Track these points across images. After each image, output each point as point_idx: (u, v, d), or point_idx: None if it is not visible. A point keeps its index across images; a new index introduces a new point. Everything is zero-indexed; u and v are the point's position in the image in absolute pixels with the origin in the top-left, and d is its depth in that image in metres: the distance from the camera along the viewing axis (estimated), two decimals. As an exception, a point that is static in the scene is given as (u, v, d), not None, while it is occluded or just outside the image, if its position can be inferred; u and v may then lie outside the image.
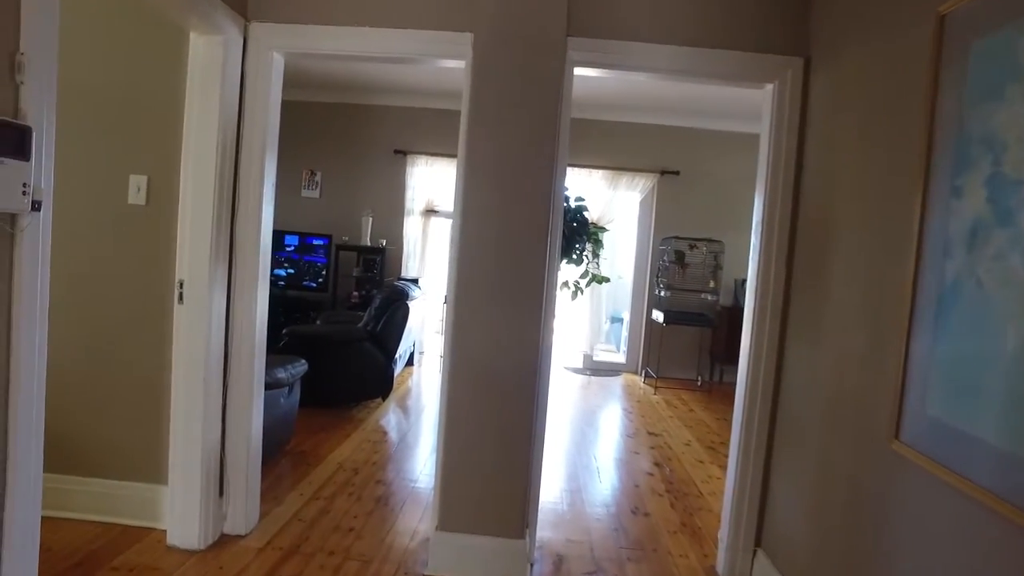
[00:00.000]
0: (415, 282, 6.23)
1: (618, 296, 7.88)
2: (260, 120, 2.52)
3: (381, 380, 4.76)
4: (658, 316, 6.33)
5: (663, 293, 6.38)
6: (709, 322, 6.32)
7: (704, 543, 2.90)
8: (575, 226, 5.87)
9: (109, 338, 2.59)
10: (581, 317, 7.10)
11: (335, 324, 5.18)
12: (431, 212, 6.98)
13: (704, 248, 6.33)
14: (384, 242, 6.70)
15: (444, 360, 2.53)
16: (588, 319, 7.04)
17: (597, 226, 6.61)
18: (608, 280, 6.68)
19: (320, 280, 6.58)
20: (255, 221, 2.54)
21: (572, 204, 5.90)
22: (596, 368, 7.01)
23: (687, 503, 3.40)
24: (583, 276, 6.39)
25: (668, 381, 6.52)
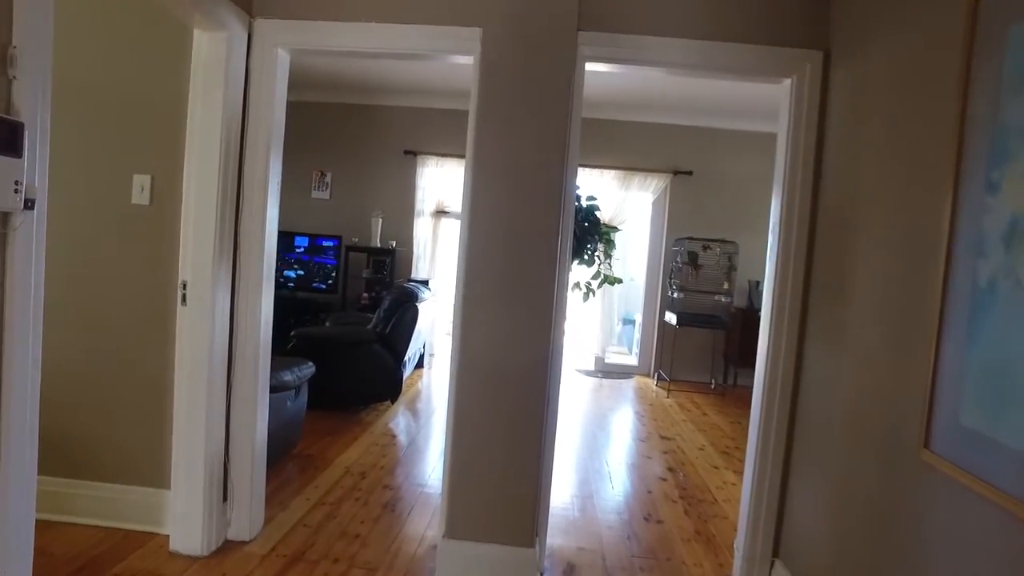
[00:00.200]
0: (425, 283, 6.18)
1: (630, 298, 7.79)
2: (265, 118, 2.47)
3: (390, 383, 4.71)
4: (671, 318, 6.24)
5: (676, 295, 6.29)
6: (723, 324, 6.23)
7: (719, 552, 2.82)
8: (586, 226, 5.78)
9: (112, 339, 2.55)
10: (593, 318, 7.02)
11: (344, 326, 5.14)
12: (441, 213, 6.94)
13: (718, 249, 6.24)
14: (394, 243, 6.66)
15: (452, 362, 2.47)
16: (600, 321, 6.95)
17: (609, 226, 6.53)
18: (620, 281, 6.59)
19: (330, 282, 6.54)
20: (260, 221, 2.49)
21: (583, 203, 5.80)
22: (608, 370, 6.93)
23: (701, 510, 3.32)
24: (595, 277, 6.30)
25: (681, 384, 6.42)
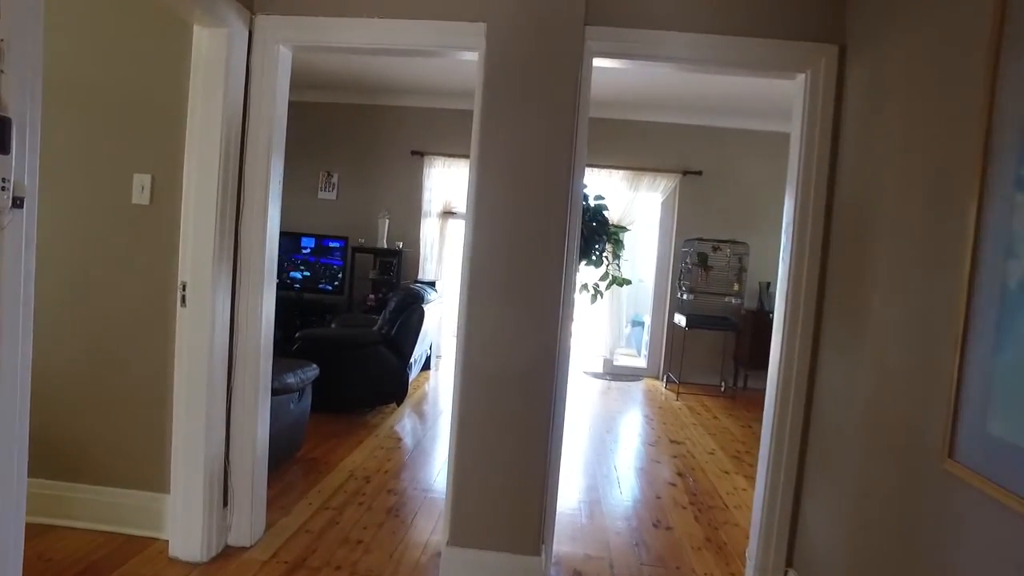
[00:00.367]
0: (432, 285, 6.13)
1: (639, 299, 7.72)
2: (266, 117, 2.43)
3: (396, 385, 4.66)
4: (680, 320, 6.16)
5: (686, 296, 6.22)
6: (733, 326, 6.14)
7: (731, 561, 2.74)
8: (594, 226, 5.70)
9: (111, 340, 2.51)
10: (601, 320, 6.95)
11: (349, 328, 5.09)
12: (449, 214, 6.90)
13: (728, 250, 6.16)
14: (401, 244, 6.61)
15: (456, 365, 2.42)
16: (608, 322, 6.88)
17: (618, 226, 6.45)
18: (629, 282, 6.51)
19: (336, 283, 6.51)
20: (260, 221, 2.44)
21: (591, 203, 5.73)
22: (616, 373, 6.85)
23: (712, 516, 3.24)
24: (603, 278, 6.23)
25: (691, 387, 6.34)
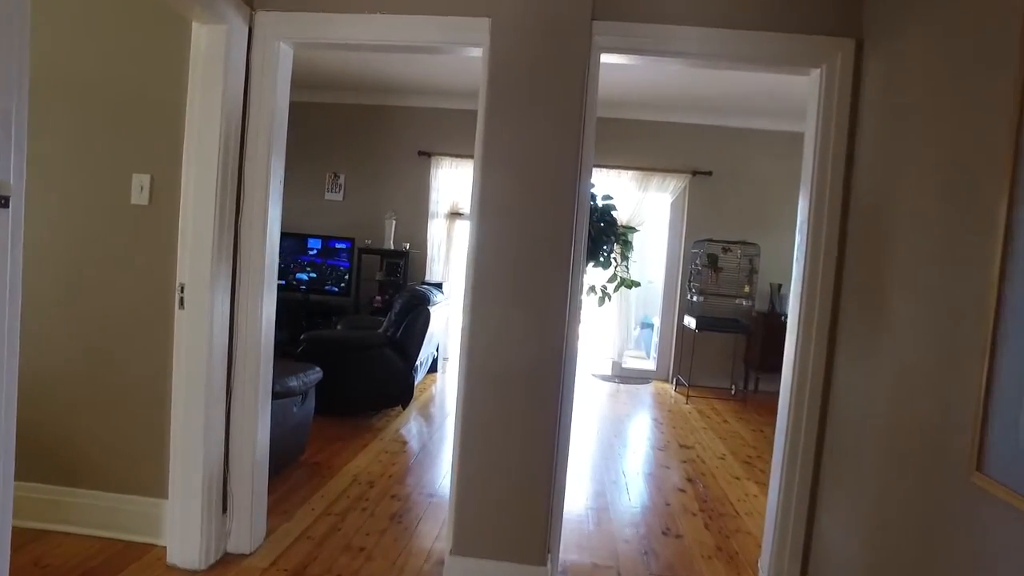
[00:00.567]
0: (439, 286, 6.08)
1: (648, 301, 7.63)
2: (266, 115, 2.38)
3: (401, 388, 4.61)
4: (690, 322, 6.07)
5: (695, 298, 6.13)
6: (744, 328, 6.05)
7: (743, 571, 2.66)
8: (602, 226, 5.61)
9: (110, 342, 2.47)
10: (609, 322, 6.87)
11: (355, 330, 5.05)
12: (456, 215, 6.84)
13: (739, 251, 6.06)
14: (408, 245, 6.57)
15: (459, 368, 2.36)
16: (617, 324, 6.80)
17: (627, 226, 6.37)
18: (638, 284, 6.42)
19: (343, 284, 6.47)
20: (261, 221, 2.40)
21: (599, 203, 5.64)
22: (625, 375, 6.77)
23: (722, 524, 3.17)
24: (611, 280, 6.15)
25: (700, 390, 6.25)
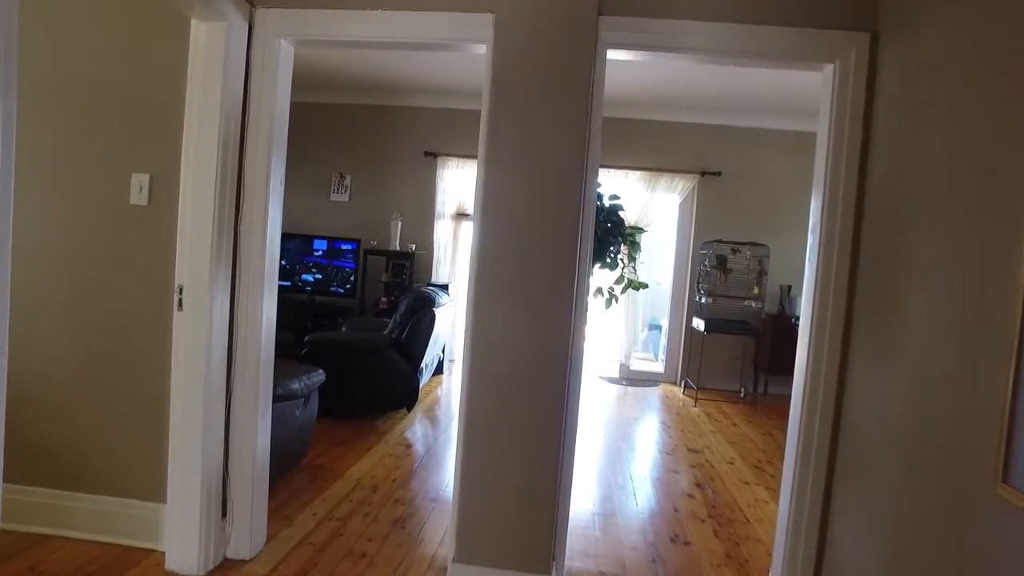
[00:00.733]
0: (445, 288, 6.02)
1: (656, 302, 7.55)
2: (267, 114, 2.34)
3: (406, 390, 4.56)
4: (699, 324, 6.00)
5: (704, 300, 6.06)
6: (753, 331, 5.97)
7: (753, 580, 2.61)
8: (609, 227, 5.53)
9: (110, 344, 2.44)
10: (617, 324, 6.81)
11: (360, 331, 5.01)
12: (462, 216, 6.79)
13: (748, 252, 5.99)
14: (414, 247, 6.53)
15: (463, 372, 2.31)
16: (624, 326, 6.74)
17: (634, 227, 6.30)
18: (646, 286, 6.35)
19: (348, 286, 6.44)
20: (261, 222, 2.35)
21: (606, 203, 5.57)
22: (633, 378, 6.70)
23: (732, 531, 3.10)
24: (618, 281, 6.08)
25: (709, 393, 6.17)
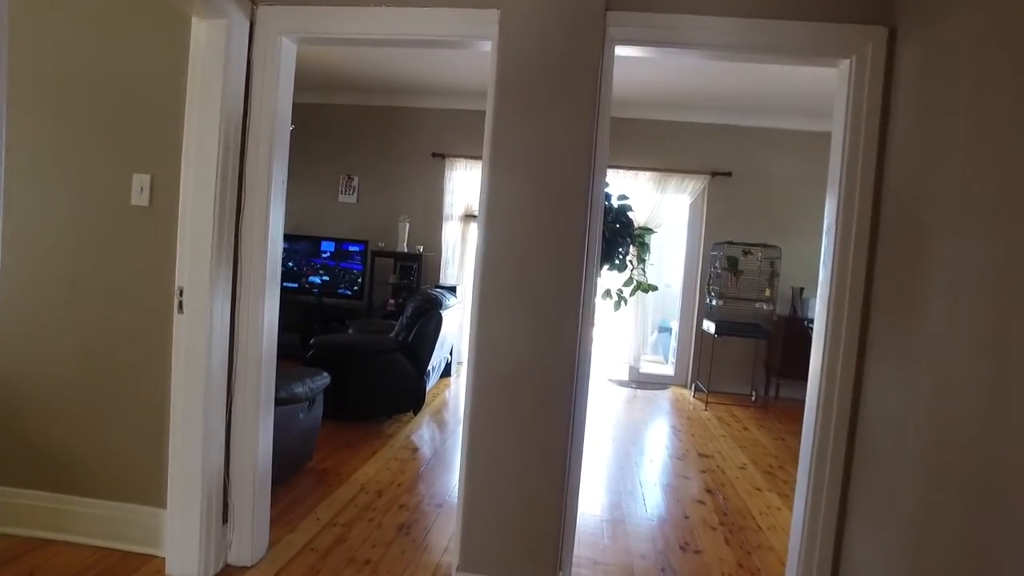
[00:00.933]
0: (452, 290, 5.99)
1: (666, 304, 7.47)
2: (268, 113, 2.30)
3: (412, 393, 4.52)
4: (709, 326, 5.92)
5: (715, 302, 5.97)
6: (764, 333, 5.89)
7: (765, 591, 2.54)
8: (617, 227, 5.46)
9: (110, 346, 2.41)
10: (626, 326, 6.73)
11: (367, 333, 4.97)
12: (471, 217, 6.75)
13: (759, 254, 5.90)
14: (421, 248, 6.49)
15: (467, 376, 2.26)
16: (633, 328, 6.66)
17: (644, 228, 6.22)
18: (655, 288, 6.27)
19: (356, 288, 6.41)
20: (262, 223, 2.32)
21: (614, 203, 5.49)
22: (642, 381, 6.63)
23: (744, 539, 3.03)
24: (627, 283, 6.01)
25: (720, 396, 6.09)
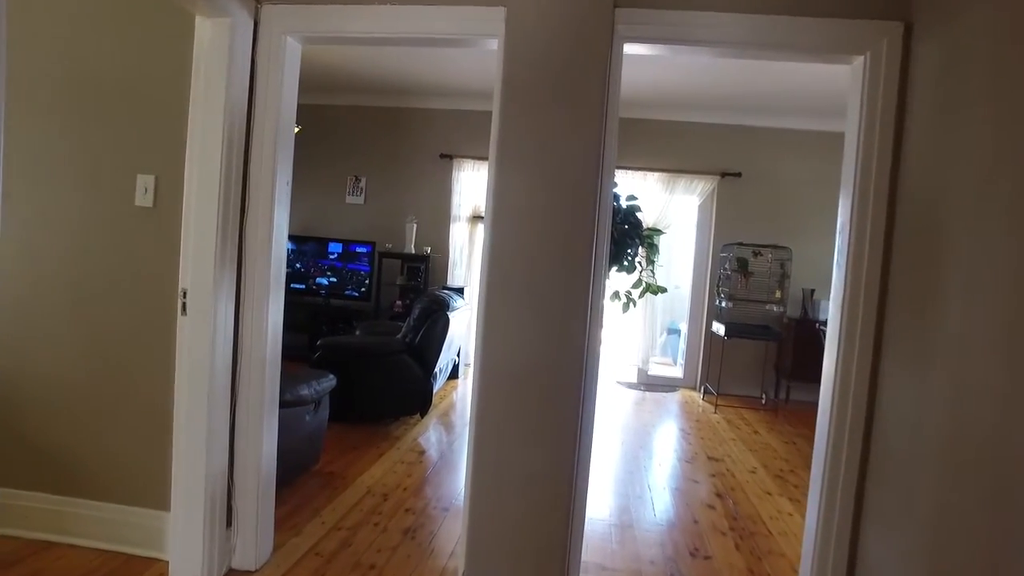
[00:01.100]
0: (460, 291, 5.96)
1: (675, 306, 7.42)
2: (272, 113, 2.28)
3: (419, 395, 4.49)
4: (719, 328, 5.86)
5: (724, 304, 5.91)
6: (775, 335, 5.82)
7: (777, 598, 2.49)
8: (626, 228, 5.40)
9: (114, 348, 2.39)
10: (634, 328, 6.68)
11: (374, 335, 4.95)
12: (478, 218, 6.72)
13: (769, 255, 5.83)
14: (429, 250, 6.47)
15: (474, 377, 2.22)
16: (642, 330, 6.61)
17: (653, 228, 6.17)
18: (664, 290, 6.22)
19: (363, 289, 6.40)
20: (266, 225, 2.30)
21: (623, 203, 5.44)
22: (651, 383, 6.58)
23: (754, 544, 2.98)
24: (636, 285, 5.95)
25: (729, 399, 6.03)
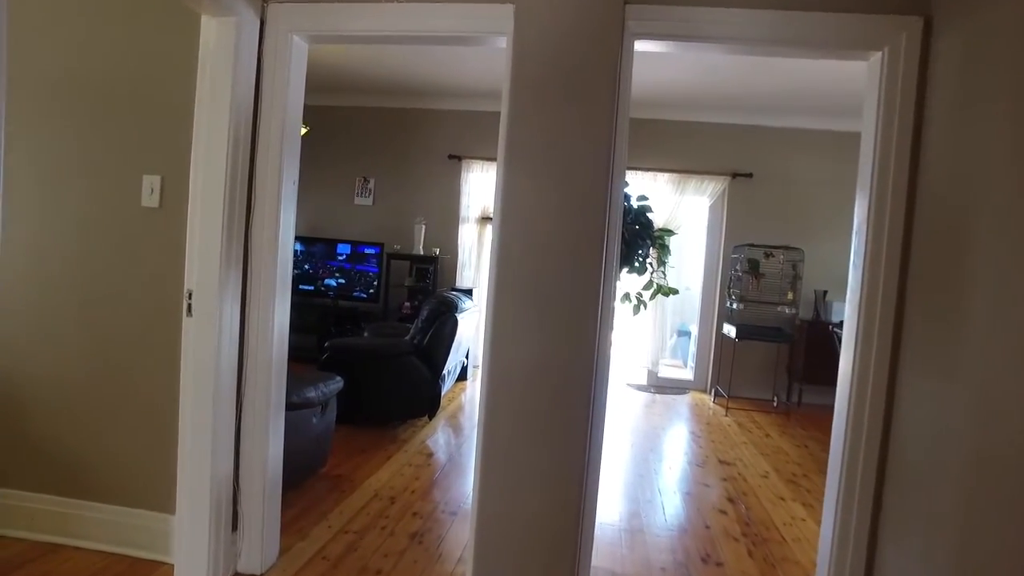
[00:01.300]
0: (468, 293, 5.93)
1: (686, 308, 7.35)
2: (279, 113, 2.26)
3: (427, 397, 4.46)
4: (730, 330, 5.80)
5: (735, 305, 5.85)
6: (787, 337, 5.75)
7: (791, 607, 2.44)
8: (637, 229, 5.35)
9: (121, 351, 2.38)
10: (644, 329, 6.63)
11: (382, 336, 4.93)
12: (487, 219, 6.69)
13: (781, 256, 5.77)
14: (437, 251, 6.45)
15: (482, 380, 2.19)
16: (652, 331, 6.55)
17: (663, 229, 6.11)
18: (675, 292, 6.16)
19: (371, 290, 6.38)
20: (272, 225, 2.27)
21: (634, 204, 5.39)
22: (661, 385, 6.52)
23: (767, 551, 2.92)
24: (647, 287, 5.90)
25: (740, 401, 5.96)
